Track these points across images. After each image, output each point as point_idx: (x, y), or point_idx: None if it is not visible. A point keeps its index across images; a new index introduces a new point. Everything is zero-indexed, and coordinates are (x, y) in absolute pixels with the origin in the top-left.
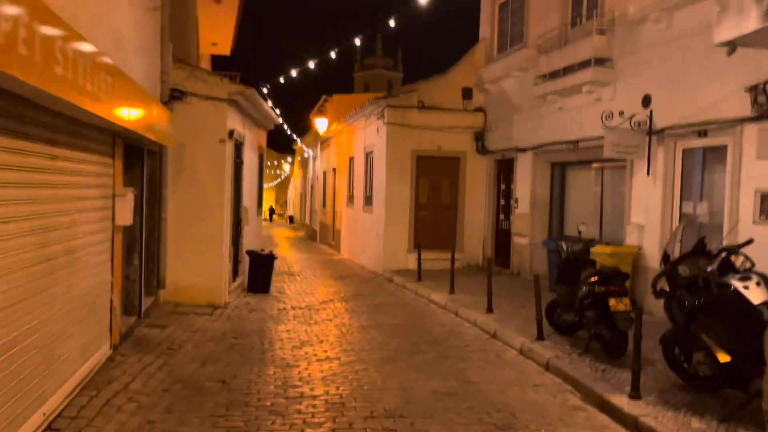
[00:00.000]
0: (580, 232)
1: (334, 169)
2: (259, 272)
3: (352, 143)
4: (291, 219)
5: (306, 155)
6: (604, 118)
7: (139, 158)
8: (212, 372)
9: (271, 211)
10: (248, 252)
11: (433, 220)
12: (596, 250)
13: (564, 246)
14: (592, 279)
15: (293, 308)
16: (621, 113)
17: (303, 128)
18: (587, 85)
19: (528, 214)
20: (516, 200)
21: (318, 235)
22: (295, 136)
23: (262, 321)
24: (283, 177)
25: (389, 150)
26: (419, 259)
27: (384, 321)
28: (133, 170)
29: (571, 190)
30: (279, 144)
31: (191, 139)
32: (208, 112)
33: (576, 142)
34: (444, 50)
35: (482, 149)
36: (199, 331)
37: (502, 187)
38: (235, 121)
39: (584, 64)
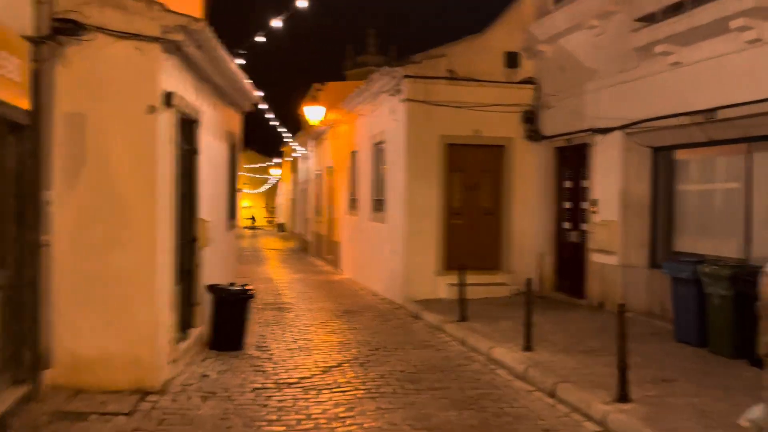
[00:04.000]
0: None
1: (330, 168)
2: (227, 319)
3: (354, 134)
4: (281, 227)
5: (296, 155)
6: None
7: None
8: None
9: (253, 221)
10: (211, 288)
11: (470, 230)
12: None
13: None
14: None
15: (279, 386)
16: None
17: (292, 128)
18: (741, 17)
19: (616, 221)
20: (594, 202)
21: (312, 247)
22: (283, 131)
23: (223, 427)
24: (271, 182)
25: (409, 136)
26: (462, 288)
27: (439, 422)
28: None
29: (683, 185)
30: (266, 145)
31: (98, 106)
32: (128, 61)
33: (709, 111)
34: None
35: (535, 134)
36: None
37: (566, 184)
38: (178, 81)
39: None
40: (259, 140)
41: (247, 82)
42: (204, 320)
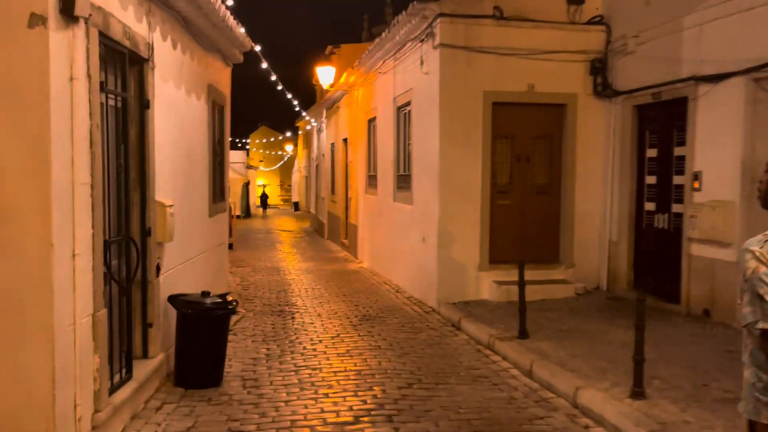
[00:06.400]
0: None
1: (345, 140)
2: (197, 344)
3: (371, 98)
4: (296, 206)
5: (309, 128)
6: None
7: None
8: None
9: (264, 200)
10: (174, 300)
11: (520, 213)
12: None
13: None
14: None
15: None
16: None
17: (307, 101)
18: None
19: (734, 202)
20: (697, 175)
21: (326, 229)
22: (295, 103)
23: None
24: (286, 158)
25: (444, 93)
26: (522, 295)
27: None
28: None
29: None
30: (280, 121)
31: None
32: None
33: None
34: None
35: (606, 89)
36: None
37: (650, 152)
38: None
39: None
40: (273, 115)
41: (232, 20)
42: (167, 345)
